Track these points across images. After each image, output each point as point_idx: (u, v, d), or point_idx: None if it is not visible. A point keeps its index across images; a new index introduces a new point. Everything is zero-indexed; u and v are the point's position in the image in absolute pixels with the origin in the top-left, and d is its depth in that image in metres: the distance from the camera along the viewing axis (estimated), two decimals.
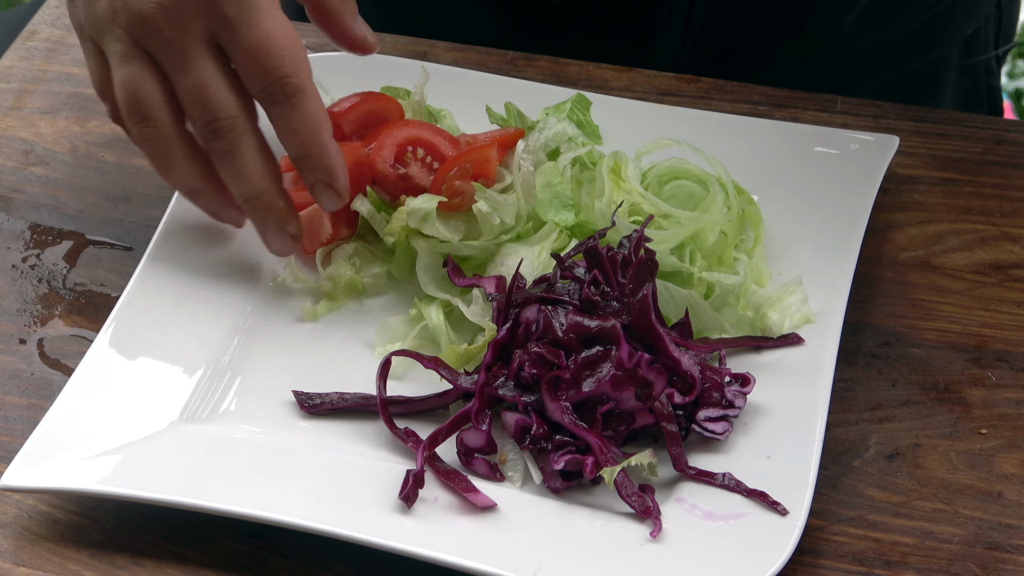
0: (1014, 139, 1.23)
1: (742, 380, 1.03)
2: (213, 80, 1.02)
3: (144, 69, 1.03)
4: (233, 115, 1.03)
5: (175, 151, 1.05)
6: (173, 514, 0.98)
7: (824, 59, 1.41)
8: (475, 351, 1.05)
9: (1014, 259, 1.15)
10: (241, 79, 1.03)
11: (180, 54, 1.01)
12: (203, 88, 1.02)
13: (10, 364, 1.10)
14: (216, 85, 1.02)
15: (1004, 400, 1.06)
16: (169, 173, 1.07)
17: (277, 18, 1.01)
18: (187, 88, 1.02)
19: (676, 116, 1.22)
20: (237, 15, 1.00)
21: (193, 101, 1.02)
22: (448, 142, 1.14)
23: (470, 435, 1.00)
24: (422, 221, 1.09)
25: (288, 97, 1.01)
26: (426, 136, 1.14)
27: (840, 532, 0.98)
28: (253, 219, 1.08)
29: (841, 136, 1.20)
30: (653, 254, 1.03)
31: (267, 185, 1.05)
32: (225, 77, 1.03)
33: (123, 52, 1.03)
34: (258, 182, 1.05)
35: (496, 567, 0.92)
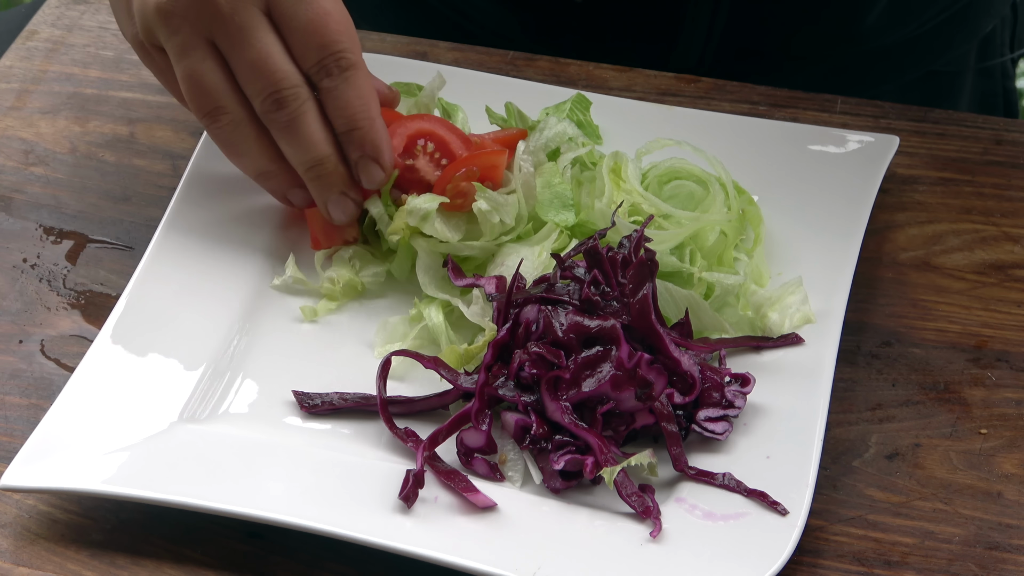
0: (1014, 139, 1.23)
1: (742, 380, 1.03)
2: (274, 51, 1.04)
3: (204, 58, 1.05)
4: (296, 84, 1.05)
5: (246, 134, 1.08)
6: (173, 514, 0.98)
7: (845, 58, 1.41)
8: (475, 351, 1.05)
9: (1014, 259, 1.15)
10: (294, 54, 1.05)
11: (239, 29, 1.03)
12: (266, 60, 1.04)
13: (10, 364, 1.10)
14: (277, 56, 1.04)
15: (1004, 400, 1.06)
16: (241, 157, 1.09)
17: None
18: (248, 62, 1.04)
19: (676, 116, 1.22)
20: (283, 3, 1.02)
21: (255, 74, 1.05)
22: (460, 140, 1.14)
23: (470, 435, 1.00)
24: (422, 220, 1.09)
25: (343, 71, 1.04)
26: (439, 131, 1.14)
27: (840, 532, 0.98)
28: (316, 188, 1.09)
29: (841, 136, 1.20)
30: (653, 254, 1.03)
31: (330, 150, 1.08)
32: (283, 49, 1.05)
33: (182, 44, 1.05)
34: (322, 148, 1.07)
35: (496, 567, 0.92)
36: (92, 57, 1.34)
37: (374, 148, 1.07)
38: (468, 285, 1.08)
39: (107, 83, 1.32)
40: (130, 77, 1.32)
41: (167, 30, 1.04)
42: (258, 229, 1.15)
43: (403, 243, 1.11)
